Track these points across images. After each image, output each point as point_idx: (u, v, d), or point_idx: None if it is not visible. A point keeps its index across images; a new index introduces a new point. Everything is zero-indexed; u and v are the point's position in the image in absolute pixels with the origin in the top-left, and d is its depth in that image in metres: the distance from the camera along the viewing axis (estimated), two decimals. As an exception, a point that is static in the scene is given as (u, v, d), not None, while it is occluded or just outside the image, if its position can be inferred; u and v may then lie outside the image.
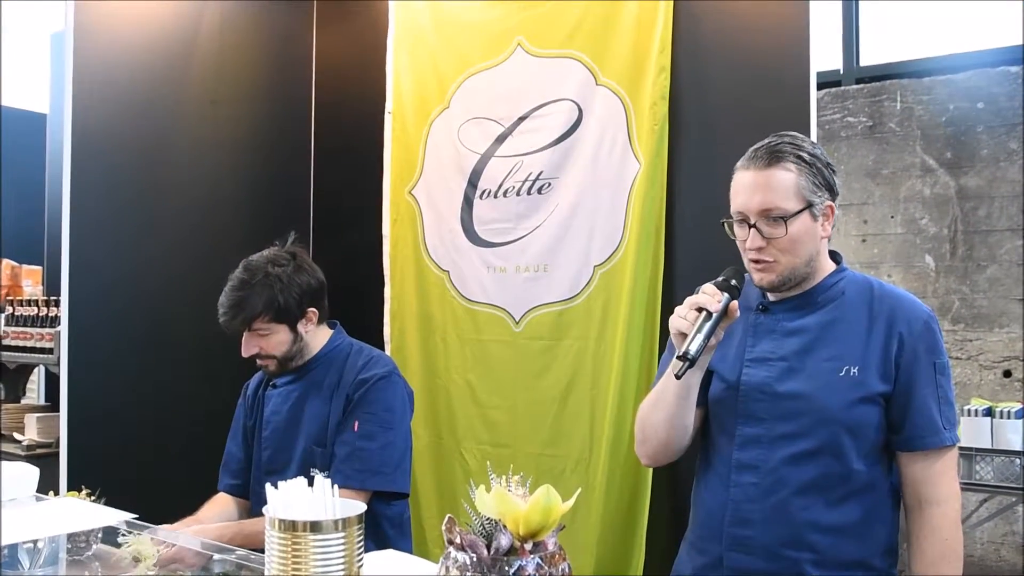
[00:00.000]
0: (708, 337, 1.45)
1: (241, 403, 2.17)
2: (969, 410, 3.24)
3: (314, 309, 2.01)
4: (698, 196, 2.40)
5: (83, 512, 1.62)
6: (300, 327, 1.99)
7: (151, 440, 2.71)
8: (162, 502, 1.92)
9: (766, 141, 1.56)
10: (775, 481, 1.53)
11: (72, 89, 2.57)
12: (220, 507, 2.08)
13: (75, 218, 2.57)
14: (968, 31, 3.94)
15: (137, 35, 2.74)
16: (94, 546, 1.59)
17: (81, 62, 2.58)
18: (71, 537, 1.57)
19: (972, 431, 3.13)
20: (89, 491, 1.73)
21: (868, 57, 4.13)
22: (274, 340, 1.97)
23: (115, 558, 1.56)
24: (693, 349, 1.43)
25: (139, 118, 2.73)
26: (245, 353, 1.98)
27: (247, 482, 2.11)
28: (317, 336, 2.04)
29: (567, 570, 1.02)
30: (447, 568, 1.01)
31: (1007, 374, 3.77)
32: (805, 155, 1.53)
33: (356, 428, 1.93)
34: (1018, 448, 3.14)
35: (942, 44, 3.99)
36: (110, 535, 1.63)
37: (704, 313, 1.46)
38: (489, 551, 1.00)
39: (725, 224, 1.58)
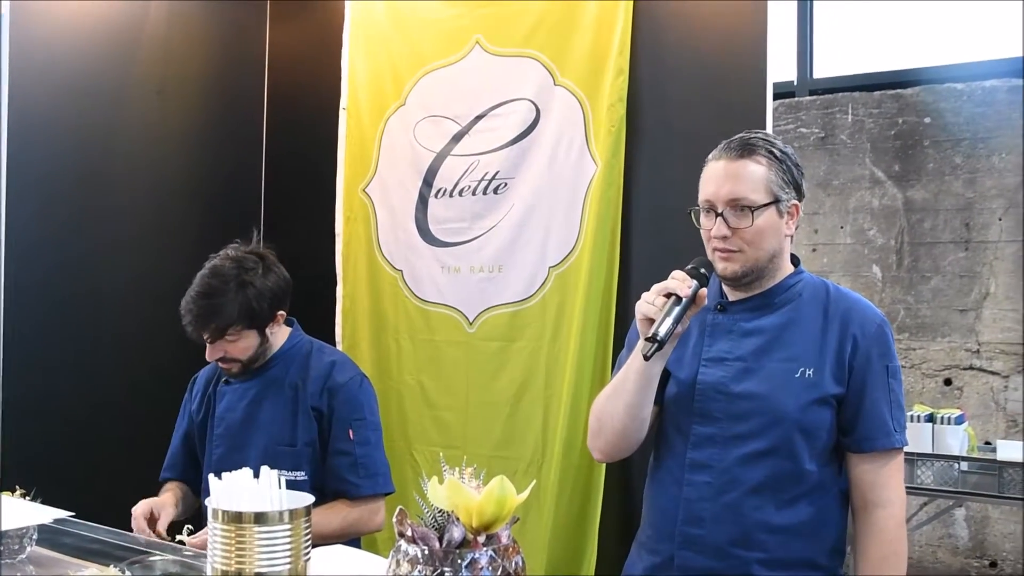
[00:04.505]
0: (676, 322, 1.45)
1: (188, 397, 2.10)
2: (912, 416, 3.32)
3: (282, 312, 1.96)
4: (654, 198, 2.41)
5: (16, 510, 1.54)
6: (268, 330, 1.94)
7: (89, 438, 2.62)
8: (100, 501, 1.85)
9: (740, 135, 1.57)
10: (728, 480, 1.53)
11: (7, 73, 2.47)
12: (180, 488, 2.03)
13: (11, 209, 2.47)
14: (917, 48, 4.04)
15: (78, 18, 2.64)
16: (28, 548, 1.52)
17: (17, 45, 2.48)
18: (3, 538, 1.48)
19: (914, 437, 3.20)
20: (24, 491, 1.66)
21: (821, 70, 4.21)
22: (241, 345, 1.91)
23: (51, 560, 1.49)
24: (662, 331, 1.43)
25: (79, 105, 2.64)
26: (210, 358, 1.92)
27: (190, 479, 2.06)
28: (278, 335, 2.00)
29: (520, 563, 1.00)
30: (397, 562, 0.98)
31: (948, 382, 3.87)
32: (776, 151, 1.55)
33: (352, 436, 1.92)
34: (957, 453, 3.22)
35: (892, 60, 4.09)
36: (45, 536, 1.56)
37: (673, 298, 1.46)
38: (441, 544, 0.97)
39: (692, 213, 1.58)
